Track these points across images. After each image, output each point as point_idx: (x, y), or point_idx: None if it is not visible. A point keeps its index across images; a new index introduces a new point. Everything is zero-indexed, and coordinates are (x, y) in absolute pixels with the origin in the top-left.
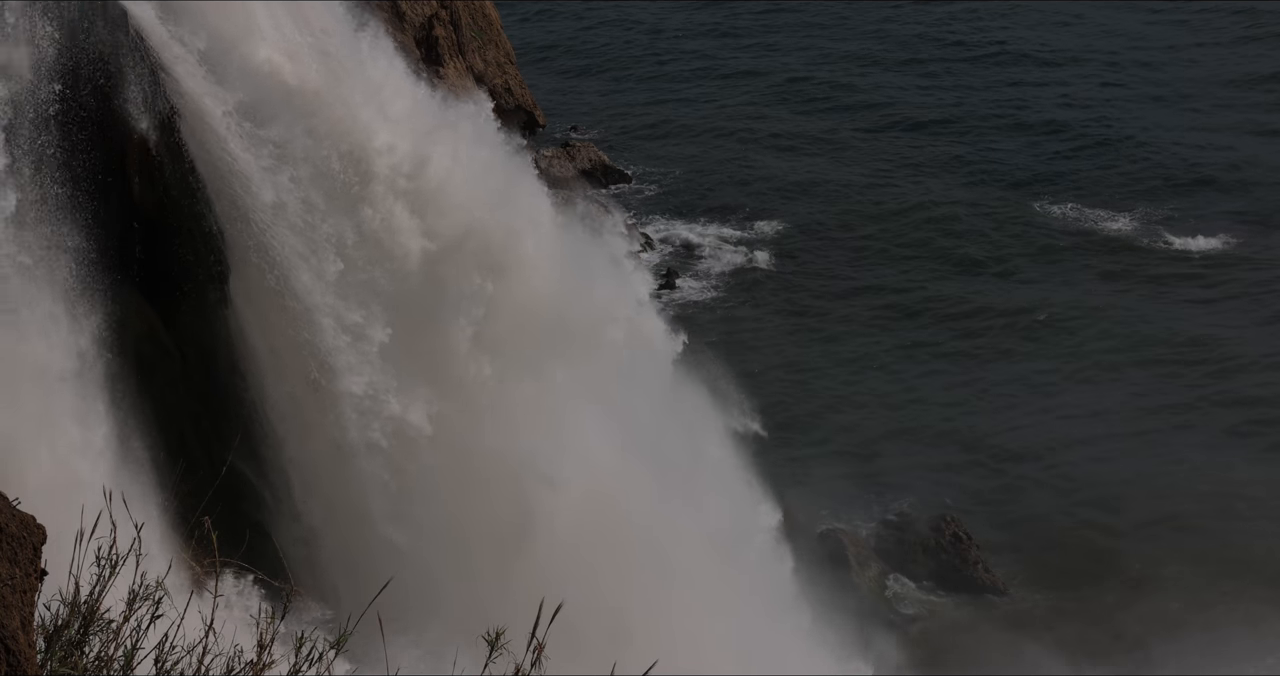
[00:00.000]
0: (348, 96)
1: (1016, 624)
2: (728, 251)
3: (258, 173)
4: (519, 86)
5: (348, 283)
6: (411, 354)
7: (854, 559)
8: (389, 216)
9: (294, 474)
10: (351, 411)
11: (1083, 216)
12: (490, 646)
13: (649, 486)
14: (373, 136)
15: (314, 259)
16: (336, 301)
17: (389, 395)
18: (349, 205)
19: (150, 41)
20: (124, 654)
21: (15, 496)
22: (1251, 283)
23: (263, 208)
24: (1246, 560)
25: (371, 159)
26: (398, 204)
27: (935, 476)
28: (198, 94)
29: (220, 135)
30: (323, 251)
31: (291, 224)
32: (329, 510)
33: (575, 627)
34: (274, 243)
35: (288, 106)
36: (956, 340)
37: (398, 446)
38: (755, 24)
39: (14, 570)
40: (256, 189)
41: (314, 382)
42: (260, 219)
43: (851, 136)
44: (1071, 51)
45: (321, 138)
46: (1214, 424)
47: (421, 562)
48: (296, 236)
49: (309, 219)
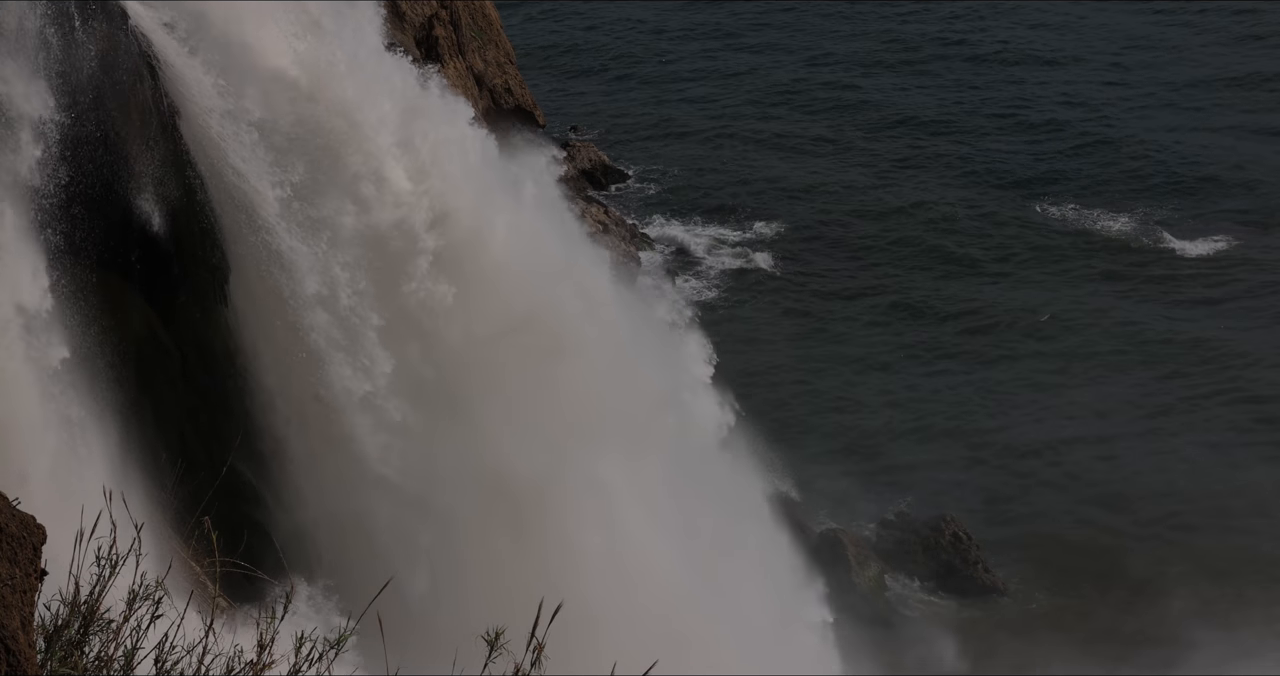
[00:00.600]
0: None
1: (1016, 624)
2: (728, 251)
3: (260, 174)
4: (519, 86)
5: (395, 376)
6: (447, 439)
7: (854, 559)
8: (433, 297)
9: (293, 474)
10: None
11: (1084, 216)
12: (490, 646)
13: (683, 570)
14: (436, 204)
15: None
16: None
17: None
18: (392, 279)
19: (152, 40)
20: (124, 654)
21: (15, 496)
22: (1255, 283)
23: (266, 207)
24: (1250, 560)
25: (419, 235)
26: (443, 283)
27: (935, 476)
28: (198, 93)
29: (220, 135)
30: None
31: (294, 224)
32: (328, 510)
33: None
34: (275, 242)
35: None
36: (957, 340)
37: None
38: (756, 24)
39: (14, 570)
40: (258, 189)
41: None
42: (261, 219)
43: (852, 136)
44: (1073, 51)
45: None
46: (1217, 424)
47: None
48: (300, 242)
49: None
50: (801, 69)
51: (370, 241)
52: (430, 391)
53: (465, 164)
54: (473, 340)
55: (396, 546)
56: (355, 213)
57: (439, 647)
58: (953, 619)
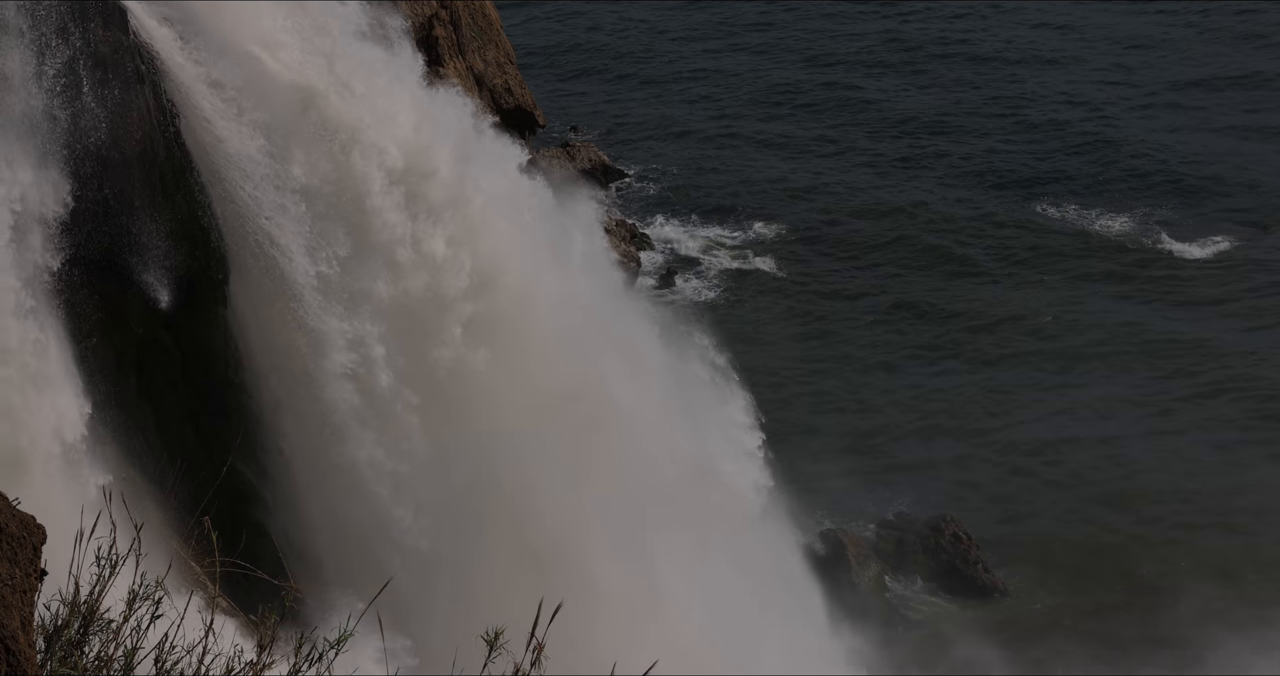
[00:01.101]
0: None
1: (1017, 624)
2: (728, 251)
3: (259, 174)
4: (519, 86)
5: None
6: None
7: (854, 559)
8: (468, 364)
9: (292, 473)
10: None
11: (1085, 216)
12: (490, 646)
13: (715, 643)
14: (481, 267)
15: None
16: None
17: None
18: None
19: (154, 43)
20: (124, 654)
21: (15, 496)
22: (1259, 283)
23: (264, 207)
24: (1253, 559)
25: (455, 301)
26: (481, 351)
27: (935, 476)
28: (198, 93)
29: (220, 136)
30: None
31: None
32: (327, 510)
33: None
34: (275, 242)
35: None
36: (957, 340)
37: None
38: (756, 24)
39: (14, 570)
40: (257, 190)
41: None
42: (261, 218)
43: (853, 136)
44: (1074, 51)
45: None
46: (1220, 424)
47: (421, 563)
48: (296, 240)
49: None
50: (802, 69)
51: (403, 309)
52: (464, 464)
53: (516, 221)
54: (512, 411)
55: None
56: (391, 279)
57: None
58: (953, 619)
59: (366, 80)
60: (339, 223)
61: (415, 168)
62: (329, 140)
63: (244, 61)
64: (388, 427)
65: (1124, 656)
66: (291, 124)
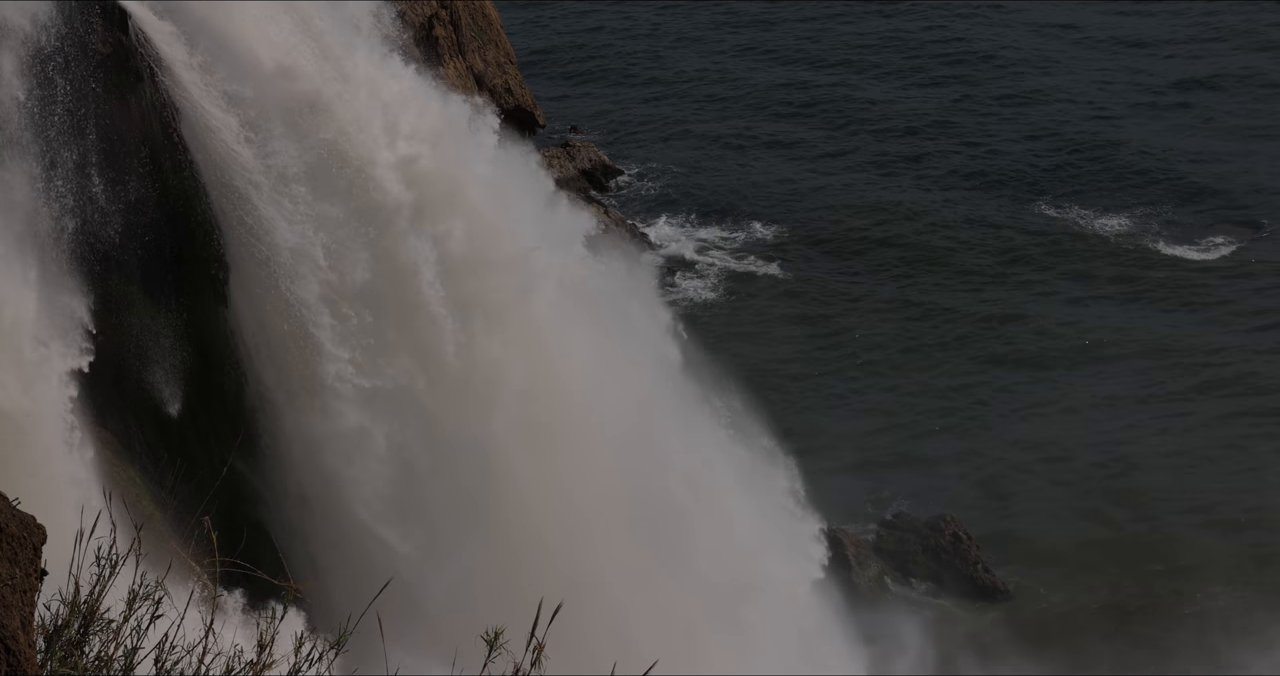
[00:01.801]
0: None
1: (1017, 624)
2: (728, 252)
3: (260, 175)
4: (519, 86)
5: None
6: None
7: (854, 559)
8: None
9: (292, 473)
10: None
11: (1086, 218)
12: (489, 646)
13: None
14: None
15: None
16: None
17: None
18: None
19: (152, 40)
20: (124, 654)
21: (15, 496)
22: (1262, 284)
23: (265, 209)
24: (1255, 558)
25: (498, 399)
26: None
27: (935, 476)
28: (199, 94)
29: (220, 135)
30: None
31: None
32: (325, 510)
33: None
34: (273, 241)
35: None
36: (957, 340)
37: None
38: (757, 25)
39: (14, 570)
40: (257, 191)
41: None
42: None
43: (853, 137)
44: (1076, 53)
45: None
46: (1222, 424)
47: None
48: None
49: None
50: (803, 69)
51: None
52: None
53: (581, 323)
54: (569, 531)
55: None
56: (430, 376)
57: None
58: (953, 619)
59: (449, 149)
60: (380, 318)
61: (481, 257)
62: (392, 221)
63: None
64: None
65: (1125, 656)
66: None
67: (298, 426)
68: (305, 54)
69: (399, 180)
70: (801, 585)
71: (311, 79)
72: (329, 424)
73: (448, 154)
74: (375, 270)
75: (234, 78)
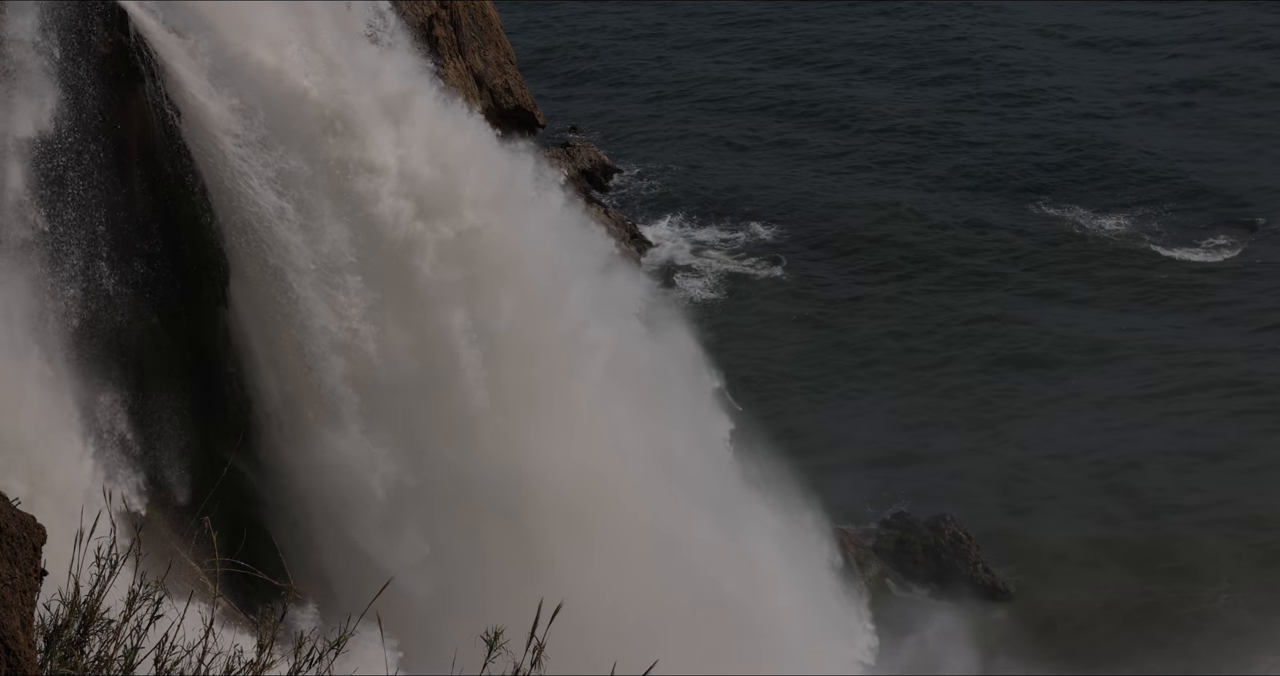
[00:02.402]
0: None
1: (1017, 624)
2: (727, 252)
3: (258, 178)
4: (519, 86)
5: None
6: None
7: (854, 559)
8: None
9: (292, 473)
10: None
11: (1086, 219)
12: (489, 646)
13: None
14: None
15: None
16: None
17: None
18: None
19: (152, 40)
20: (124, 654)
21: (15, 496)
22: (1263, 287)
23: (263, 208)
24: (1256, 560)
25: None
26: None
27: (935, 476)
28: (199, 95)
29: (220, 137)
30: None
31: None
32: (326, 510)
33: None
34: (274, 243)
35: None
36: (957, 340)
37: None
38: (757, 26)
39: (14, 570)
40: (257, 192)
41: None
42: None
43: (853, 138)
44: (1075, 53)
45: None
46: (1223, 424)
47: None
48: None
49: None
50: (803, 71)
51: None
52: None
53: (625, 401)
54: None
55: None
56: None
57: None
58: (953, 619)
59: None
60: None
61: (526, 337)
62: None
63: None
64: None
65: (1125, 655)
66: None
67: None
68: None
69: (452, 259)
70: (852, 668)
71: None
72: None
73: (510, 219)
74: (418, 352)
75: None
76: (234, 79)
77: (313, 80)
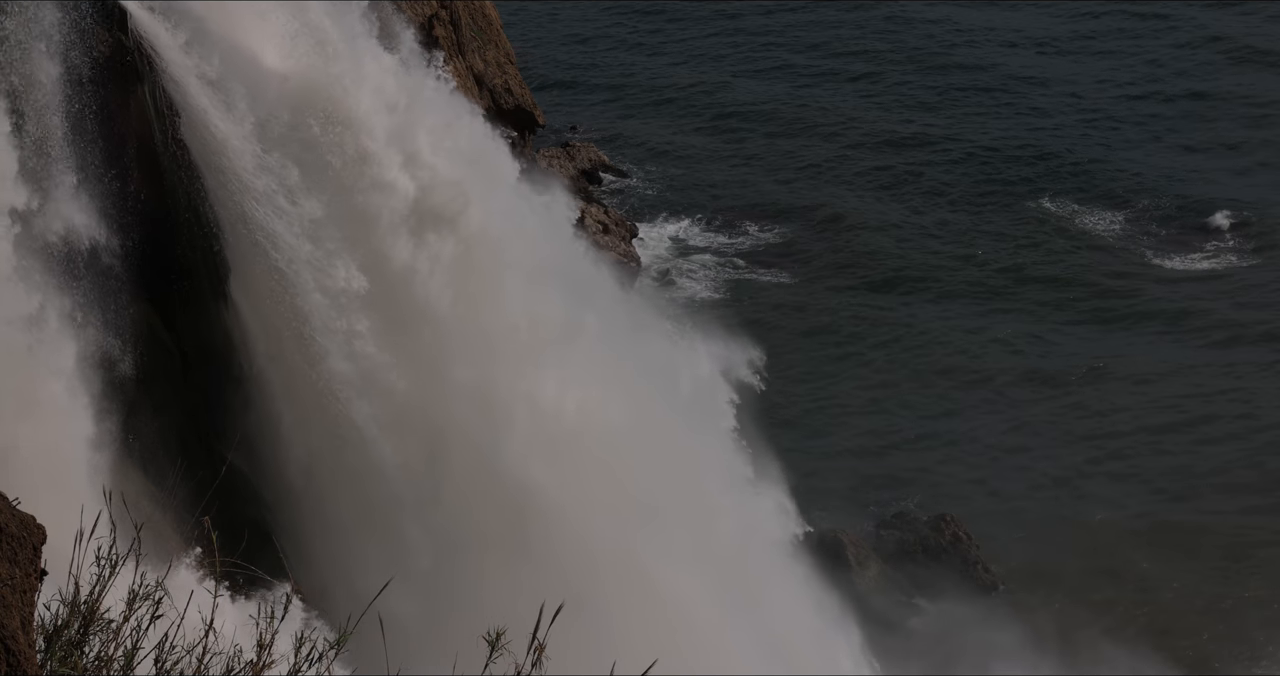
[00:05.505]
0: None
1: (1017, 624)
2: (726, 252)
3: (257, 175)
4: (519, 86)
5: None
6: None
7: (854, 559)
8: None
9: (292, 472)
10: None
11: (1083, 227)
12: (490, 646)
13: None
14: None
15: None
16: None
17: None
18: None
19: (152, 42)
20: (124, 654)
21: (15, 496)
22: (1264, 291)
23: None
24: (1258, 559)
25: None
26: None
27: (935, 476)
28: (199, 94)
29: (220, 135)
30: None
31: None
32: (326, 509)
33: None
34: (273, 241)
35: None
36: (957, 341)
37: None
38: (758, 26)
39: (14, 570)
40: (255, 188)
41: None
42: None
43: (854, 141)
44: (1077, 58)
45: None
46: (1224, 424)
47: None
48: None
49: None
50: (804, 73)
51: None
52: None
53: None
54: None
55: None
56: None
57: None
58: (953, 619)
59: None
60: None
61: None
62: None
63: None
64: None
65: (1125, 655)
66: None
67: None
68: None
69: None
70: (852, 669)
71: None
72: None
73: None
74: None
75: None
76: (234, 79)
77: (313, 79)
